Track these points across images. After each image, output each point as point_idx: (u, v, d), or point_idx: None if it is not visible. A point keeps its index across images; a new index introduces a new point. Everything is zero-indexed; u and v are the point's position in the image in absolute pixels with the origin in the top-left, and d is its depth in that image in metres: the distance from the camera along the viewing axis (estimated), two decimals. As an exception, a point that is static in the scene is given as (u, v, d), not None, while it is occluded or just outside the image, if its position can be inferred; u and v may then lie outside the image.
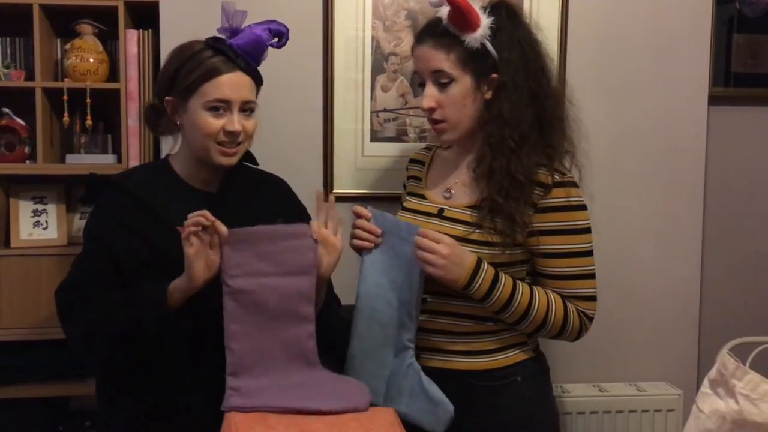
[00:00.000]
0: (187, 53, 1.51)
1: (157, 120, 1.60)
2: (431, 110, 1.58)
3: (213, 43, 1.52)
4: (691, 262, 2.29)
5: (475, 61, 1.55)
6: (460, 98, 1.56)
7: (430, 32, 1.57)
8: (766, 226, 2.39)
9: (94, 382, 1.59)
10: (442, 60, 1.54)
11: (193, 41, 1.54)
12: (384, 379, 1.56)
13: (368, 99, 2.11)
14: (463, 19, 1.52)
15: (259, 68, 1.57)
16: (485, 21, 1.54)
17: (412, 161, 1.80)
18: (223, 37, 1.53)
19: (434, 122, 1.60)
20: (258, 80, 1.56)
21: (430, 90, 1.56)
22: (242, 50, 1.51)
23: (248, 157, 1.67)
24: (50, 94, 2.08)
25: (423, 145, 1.98)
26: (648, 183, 2.24)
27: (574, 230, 1.57)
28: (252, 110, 1.55)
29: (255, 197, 1.63)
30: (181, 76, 1.49)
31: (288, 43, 2.07)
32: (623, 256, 2.22)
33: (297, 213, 1.70)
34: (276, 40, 1.57)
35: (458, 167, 1.68)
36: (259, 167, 1.71)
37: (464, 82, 1.56)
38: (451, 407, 1.51)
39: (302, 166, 2.09)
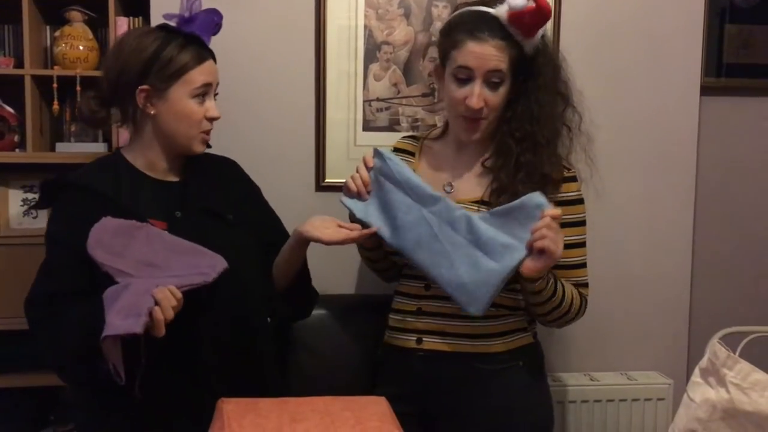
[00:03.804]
0: (153, 45, 1.48)
1: (107, 112, 1.56)
2: (479, 110, 1.57)
3: (173, 31, 1.51)
4: (682, 252, 2.30)
5: (518, 64, 1.57)
6: (502, 99, 1.59)
7: (490, 30, 1.54)
8: (757, 216, 2.40)
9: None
10: (502, 61, 1.54)
11: (145, 31, 1.53)
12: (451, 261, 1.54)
13: (360, 88, 2.10)
14: (538, 25, 1.54)
15: (250, 57, 1.57)
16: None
17: (398, 150, 1.78)
18: (173, 24, 1.53)
19: (475, 120, 1.59)
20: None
21: (480, 88, 1.55)
22: (201, 34, 1.52)
23: None
24: (40, 82, 2.06)
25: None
26: (639, 173, 2.24)
27: (580, 222, 1.64)
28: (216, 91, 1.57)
29: (215, 182, 1.62)
30: (157, 67, 1.47)
31: (280, 31, 2.07)
32: (614, 246, 2.23)
33: (252, 193, 1.72)
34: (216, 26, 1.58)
35: (459, 161, 1.69)
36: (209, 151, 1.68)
37: (508, 84, 1.58)
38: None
39: (294, 155, 2.08)
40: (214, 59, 1.56)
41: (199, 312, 1.45)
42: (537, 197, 1.47)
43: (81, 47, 2.05)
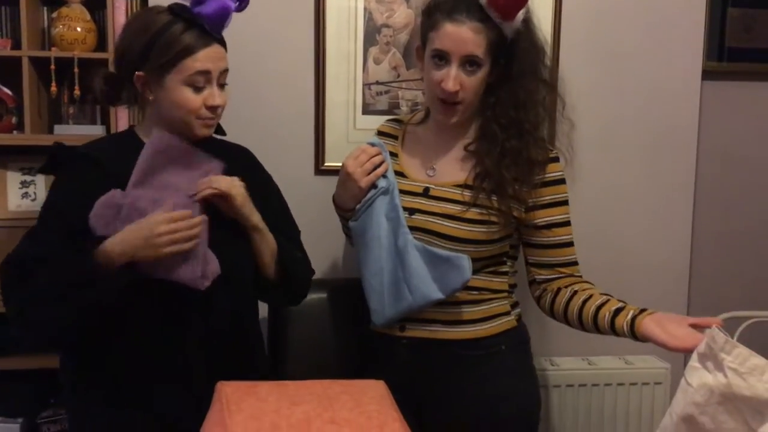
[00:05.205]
0: (155, 27, 1.45)
1: (118, 92, 1.55)
2: (454, 93, 1.56)
3: (180, 13, 1.47)
4: (682, 237, 2.30)
5: (497, 47, 1.56)
6: (479, 83, 1.58)
7: (468, 13, 1.53)
8: (757, 201, 2.40)
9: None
10: (479, 45, 1.53)
11: (155, 11, 1.49)
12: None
13: (360, 71, 2.09)
14: (515, 8, 1.53)
15: (248, 39, 1.54)
16: (520, 11, 1.56)
17: (382, 134, 1.78)
18: (186, 4, 1.49)
19: (451, 103, 1.58)
20: (225, 46, 1.54)
21: (456, 72, 1.54)
22: (210, 19, 1.47)
23: (217, 127, 1.65)
24: (37, 64, 2.05)
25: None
26: (640, 158, 2.24)
27: (564, 202, 1.65)
28: (226, 82, 1.53)
29: (224, 170, 1.59)
30: (155, 52, 1.44)
31: (279, 13, 2.05)
32: (615, 231, 2.23)
33: (263, 181, 1.70)
34: (237, 3, 1.53)
35: (441, 145, 1.69)
36: (224, 138, 1.67)
37: (486, 68, 1.57)
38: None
39: (293, 139, 2.08)
40: (223, 44, 1.51)
41: (193, 303, 1.46)
42: (464, 261, 1.53)
43: (79, 28, 2.04)
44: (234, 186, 1.50)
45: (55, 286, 1.36)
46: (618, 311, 1.51)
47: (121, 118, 2.02)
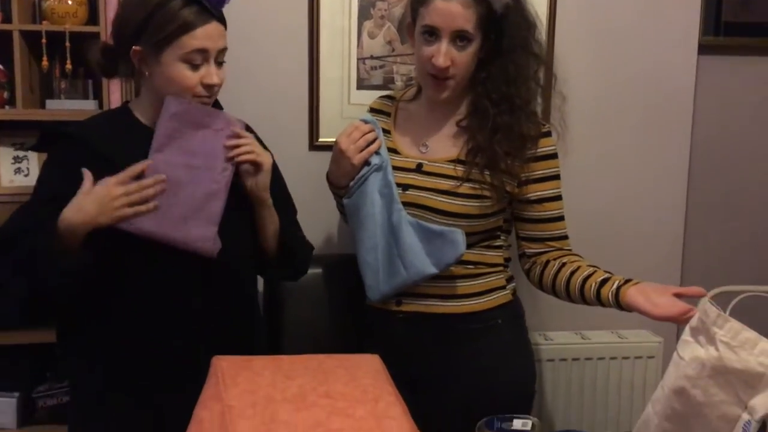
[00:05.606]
0: (154, 1, 1.42)
1: (115, 65, 1.53)
2: (445, 68, 1.55)
3: None
4: (676, 212, 2.31)
5: (487, 22, 1.55)
6: (470, 58, 1.57)
7: None
8: (751, 176, 2.41)
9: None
10: (469, 20, 1.53)
11: None
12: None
13: (354, 46, 2.07)
14: None
15: (242, 14, 1.53)
16: None
17: (374, 111, 1.78)
18: None
19: (442, 79, 1.58)
20: (225, 24, 1.52)
21: (446, 47, 1.54)
22: None
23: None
24: (28, 38, 2.02)
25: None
26: (635, 132, 2.24)
27: (555, 176, 1.66)
28: (224, 60, 1.51)
29: None
30: (152, 27, 1.42)
31: (273, -13, 2.02)
32: (609, 205, 2.24)
33: None
34: None
35: (433, 121, 1.68)
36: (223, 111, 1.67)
37: (477, 43, 1.56)
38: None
39: (288, 114, 2.07)
40: (222, 21, 1.49)
41: (193, 276, 1.46)
42: (458, 236, 1.53)
43: (70, 2, 2.01)
44: (267, 156, 1.51)
45: (16, 262, 1.37)
46: (604, 282, 1.54)
47: (114, 93, 2.00)
